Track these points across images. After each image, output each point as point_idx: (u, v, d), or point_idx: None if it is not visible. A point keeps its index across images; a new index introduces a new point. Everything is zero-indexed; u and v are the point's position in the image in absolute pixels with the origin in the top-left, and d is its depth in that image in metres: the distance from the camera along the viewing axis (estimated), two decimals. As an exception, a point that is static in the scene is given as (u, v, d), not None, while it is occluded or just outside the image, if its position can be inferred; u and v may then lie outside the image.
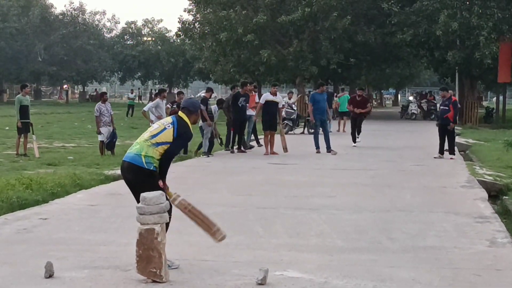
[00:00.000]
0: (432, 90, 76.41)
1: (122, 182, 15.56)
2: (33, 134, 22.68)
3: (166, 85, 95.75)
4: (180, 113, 8.42)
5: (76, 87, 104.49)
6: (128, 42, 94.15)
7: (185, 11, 59.43)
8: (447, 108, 22.11)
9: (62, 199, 13.20)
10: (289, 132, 33.38)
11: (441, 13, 43.77)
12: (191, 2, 56.16)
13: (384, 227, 10.81)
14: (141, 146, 8.20)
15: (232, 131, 23.51)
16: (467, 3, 45.60)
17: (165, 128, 8.24)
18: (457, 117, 23.14)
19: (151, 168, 8.09)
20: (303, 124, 35.50)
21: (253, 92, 27.23)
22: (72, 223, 10.82)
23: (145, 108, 22.78)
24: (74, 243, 9.43)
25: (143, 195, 7.55)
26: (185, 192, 14.20)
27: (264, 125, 22.96)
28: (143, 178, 8.11)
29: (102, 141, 22.31)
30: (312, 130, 26.64)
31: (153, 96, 24.29)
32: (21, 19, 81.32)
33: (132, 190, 8.32)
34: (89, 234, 10.02)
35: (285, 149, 22.97)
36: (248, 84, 24.60)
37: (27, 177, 14.57)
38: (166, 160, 8.24)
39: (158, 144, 8.12)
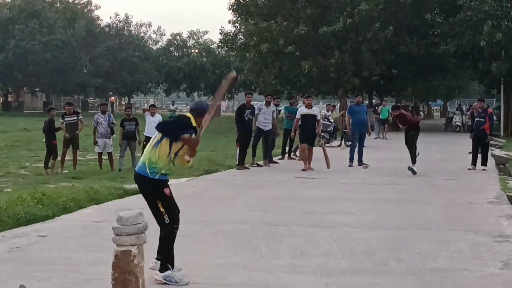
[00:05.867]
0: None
1: (136, 197, 15.36)
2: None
3: (211, 97, 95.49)
4: (188, 114, 8.23)
5: (123, 99, 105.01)
6: (174, 54, 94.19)
7: (229, 22, 59.43)
8: (483, 120, 22.16)
9: (68, 215, 12.82)
10: (326, 145, 32.84)
11: (485, 24, 43.08)
12: (233, 14, 55.89)
13: (395, 246, 10.29)
14: (145, 154, 8.12)
15: (238, 147, 21.74)
16: (512, 13, 44.82)
17: None
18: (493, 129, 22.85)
19: (156, 177, 7.95)
20: (340, 136, 34.94)
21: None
22: (69, 241, 10.43)
23: None
24: (64, 263, 9.05)
25: (119, 214, 7.17)
26: (201, 208, 13.93)
27: (301, 137, 21.97)
28: (149, 189, 8.04)
29: (100, 153, 22.42)
30: (350, 143, 26.14)
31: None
32: (67, 31, 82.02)
33: (147, 202, 8.23)
34: (83, 253, 9.64)
35: (328, 165, 21.59)
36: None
37: (40, 191, 14.28)
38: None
39: (157, 143, 7.98)
